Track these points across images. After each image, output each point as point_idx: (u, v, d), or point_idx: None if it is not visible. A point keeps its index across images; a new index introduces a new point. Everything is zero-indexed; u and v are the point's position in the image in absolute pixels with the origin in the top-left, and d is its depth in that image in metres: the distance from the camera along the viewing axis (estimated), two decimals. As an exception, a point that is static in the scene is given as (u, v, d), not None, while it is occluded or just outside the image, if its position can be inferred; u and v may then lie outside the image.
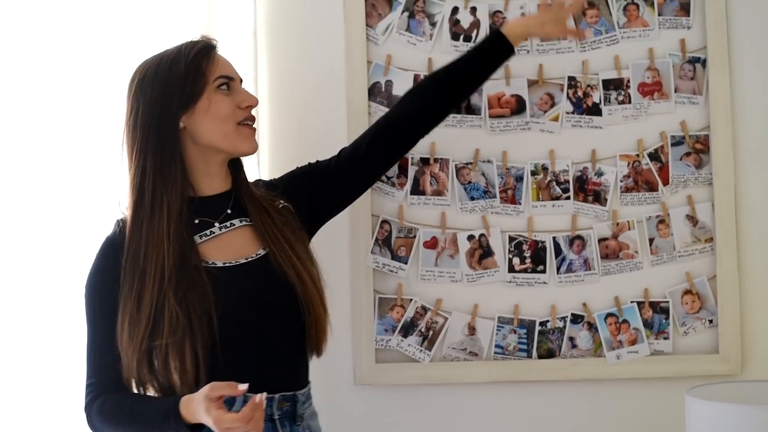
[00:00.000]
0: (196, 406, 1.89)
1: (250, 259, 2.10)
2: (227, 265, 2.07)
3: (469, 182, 2.59)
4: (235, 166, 2.18)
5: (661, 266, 2.59)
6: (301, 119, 2.61)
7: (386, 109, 2.57)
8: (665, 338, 2.58)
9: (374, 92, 2.60)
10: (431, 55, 2.60)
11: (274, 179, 2.30)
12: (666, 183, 2.59)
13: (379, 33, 2.60)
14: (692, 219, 2.58)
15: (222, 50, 2.14)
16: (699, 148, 2.59)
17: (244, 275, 2.06)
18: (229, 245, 2.10)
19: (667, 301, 2.58)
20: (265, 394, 1.87)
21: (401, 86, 2.59)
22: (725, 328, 2.56)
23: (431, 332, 2.58)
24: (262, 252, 2.11)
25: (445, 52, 2.59)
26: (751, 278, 2.58)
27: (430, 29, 2.61)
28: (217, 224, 2.12)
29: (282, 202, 2.20)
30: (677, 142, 2.59)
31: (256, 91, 2.55)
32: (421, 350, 2.58)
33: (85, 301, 2.07)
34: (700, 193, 2.59)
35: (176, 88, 2.05)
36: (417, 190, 2.59)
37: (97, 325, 2.04)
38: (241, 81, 2.17)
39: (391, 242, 2.58)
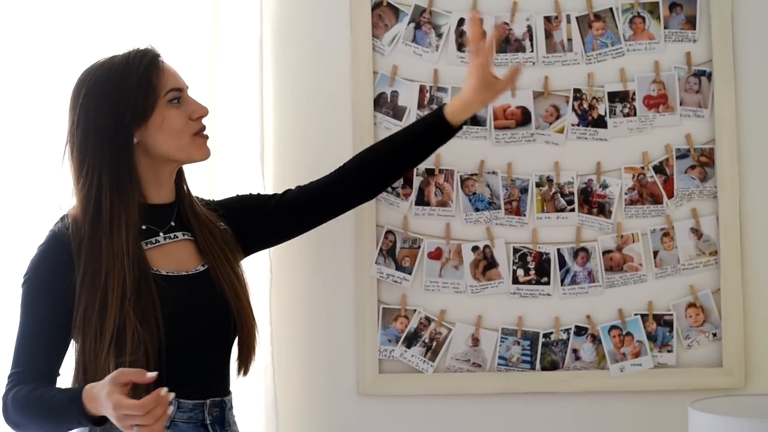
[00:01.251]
0: (98, 392, 1.85)
1: (191, 272, 2.11)
2: (170, 274, 2.07)
3: (474, 193, 2.60)
4: (178, 178, 2.18)
5: (666, 279, 2.58)
6: (307, 129, 2.61)
7: (392, 120, 2.58)
8: (669, 351, 2.58)
9: (380, 103, 2.60)
10: (437, 66, 2.60)
11: (212, 201, 2.31)
12: (671, 196, 2.59)
13: (386, 44, 2.61)
14: (697, 232, 2.58)
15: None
16: (704, 162, 2.59)
17: (186, 287, 2.07)
18: (172, 256, 2.11)
19: (671, 314, 2.58)
20: (172, 394, 1.81)
21: (407, 97, 2.59)
22: (729, 341, 2.55)
23: (435, 343, 2.58)
24: (201, 267, 2.12)
25: (451, 63, 2.60)
26: (755, 292, 2.57)
27: (436, 40, 2.61)
28: (162, 234, 2.12)
29: (222, 224, 2.22)
30: (682, 155, 2.59)
31: (261, 102, 2.55)
32: (424, 361, 2.58)
33: (23, 290, 2.04)
34: (704, 207, 2.59)
35: (128, 103, 2.04)
36: (422, 200, 2.60)
37: (34, 316, 2.02)
38: (187, 89, 2.16)
39: (396, 253, 2.58)
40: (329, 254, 2.49)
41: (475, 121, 2.59)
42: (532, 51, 2.60)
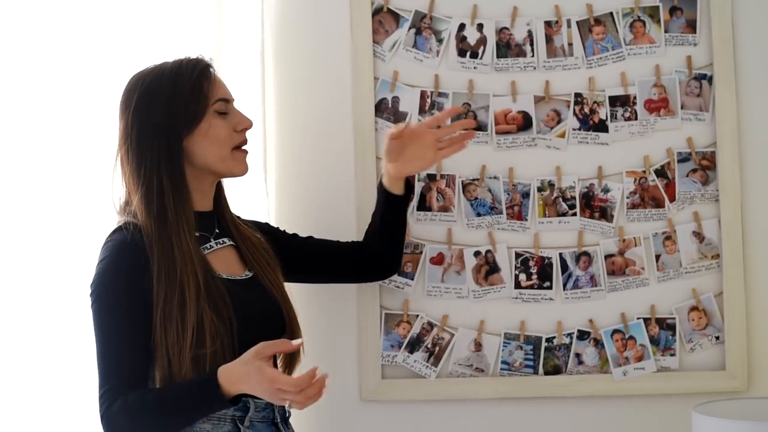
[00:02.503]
0: (241, 369, 1.90)
1: (241, 278, 2.15)
2: (228, 277, 2.11)
3: (476, 198, 2.60)
4: (218, 188, 2.22)
5: (668, 283, 2.58)
6: (308, 135, 2.62)
7: (393, 125, 2.57)
8: (672, 355, 2.57)
9: (381, 108, 2.60)
10: (438, 72, 2.61)
11: (239, 217, 2.32)
12: (672, 199, 2.59)
13: (386, 49, 2.61)
14: (699, 235, 2.58)
15: (219, 69, 2.16)
16: (705, 165, 2.59)
17: (242, 290, 2.11)
18: (224, 261, 2.14)
19: (674, 318, 2.58)
20: (326, 375, 1.91)
21: (408, 102, 2.60)
22: (732, 344, 2.55)
23: (437, 348, 2.58)
24: (248, 274, 2.17)
25: (451, 68, 2.60)
26: (758, 295, 2.57)
27: (436, 46, 2.61)
28: (212, 239, 2.15)
29: (259, 235, 2.27)
30: (684, 159, 2.59)
31: (263, 108, 2.56)
32: (427, 366, 2.58)
33: (98, 306, 2.01)
34: (706, 210, 2.59)
35: (180, 107, 2.07)
36: (423, 206, 2.60)
37: (118, 326, 2.00)
38: (233, 101, 2.19)
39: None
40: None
41: (477, 126, 2.59)
42: (532, 56, 2.60)
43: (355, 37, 2.60)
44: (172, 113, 2.07)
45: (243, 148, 2.17)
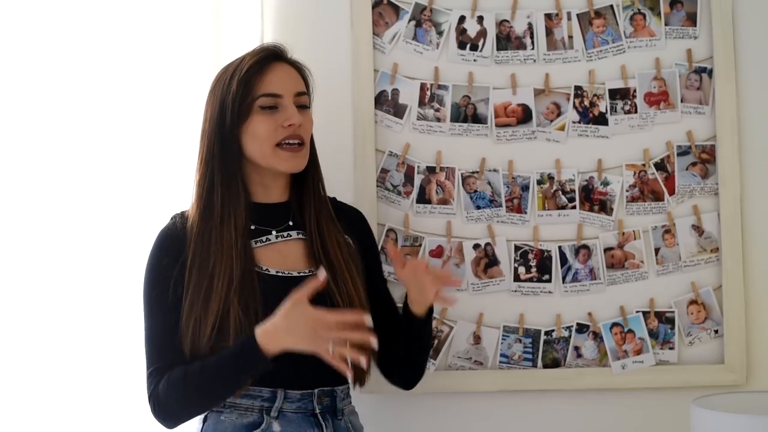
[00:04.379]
0: (280, 321, 1.94)
1: (302, 274, 2.12)
2: (279, 274, 2.11)
3: (475, 191, 2.60)
4: (299, 178, 2.21)
5: (667, 276, 2.58)
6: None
7: (392, 117, 2.58)
8: (671, 348, 2.58)
9: (381, 100, 2.60)
10: (438, 64, 2.60)
11: (352, 207, 2.36)
12: (672, 193, 2.59)
13: (386, 41, 2.61)
14: (698, 229, 2.58)
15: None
16: (705, 158, 2.59)
17: (290, 285, 2.04)
18: (284, 255, 2.15)
19: (673, 311, 2.58)
20: (369, 320, 1.96)
21: (408, 95, 2.59)
22: (731, 338, 2.55)
23: (436, 341, 2.58)
24: (311, 270, 2.14)
25: (451, 60, 2.60)
26: (757, 288, 2.57)
27: (436, 38, 2.61)
28: (274, 232, 2.16)
29: (348, 238, 2.24)
30: (683, 152, 2.59)
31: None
32: (426, 359, 2.58)
33: (145, 291, 2.10)
34: (706, 203, 2.59)
35: (228, 104, 2.10)
36: (423, 198, 2.59)
37: (158, 314, 2.06)
38: (300, 95, 2.18)
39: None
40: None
41: (477, 118, 2.59)
42: (532, 48, 2.60)
43: (355, 29, 2.59)
44: (224, 108, 2.10)
45: (290, 143, 2.14)
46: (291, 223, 2.19)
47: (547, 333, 2.59)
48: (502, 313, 2.59)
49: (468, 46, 2.60)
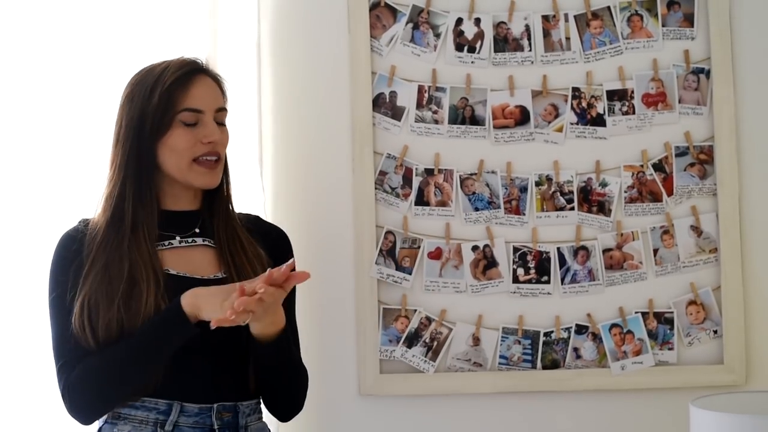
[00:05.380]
0: (202, 289, 1.94)
1: (204, 278, 2.08)
2: (179, 275, 2.06)
3: (474, 193, 2.60)
4: (211, 190, 2.16)
5: (666, 277, 2.58)
6: (305, 130, 2.61)
7: (390, 120, 2.59)
8: (670, 349, 2.58)
9: (378, 103, 2.60)
10: (435, 66, 2.60)
11: (275, 226, 2.29)
12: (670, 194, 2.59)
13: (384, 44, 2.61)
14: (696, 229, 2.58)
15: (214, 66, 2.13)
16: (703, 159, 2.59)
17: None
18: (187, 259, 2.10)
19: (672, 312, 2.58)
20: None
21: (405, 97, 2.60)
22: (730, 338, 2.55)
23: (435, 343, 2.58)
24: (220, 275, 2.09)
25: (449, 63, 2.60)
26: (756, 289, 2.57)
27: (434, 40, 2.61)
28: (178, 237, 2.12)
29: (261, 251, 2.17)
30: (681, 153, 2.59)
31: (259, 102, 2.56)
32: (425, 361, 2.58)
33: (50, 290, 2.06)
34: (704, 204, 2.59)
35: (149, 114, 2.05)
36: (421, 200, 2.60)
37: (63, 311, 2.01)
38: (220, 111, 2.12)
39: (396, 253, 2.58)
40: (329, 255, 2.48)
41: (475, 120, 2.59)
42: (530, 50, 2.60)
43: (352, 32, 2.60)
44: (144, 118, 2.05)
45: (207, 159, 2.10)
46: (198, 230, 2.13)
47: (546, 334, 2.59)
48: (501, 315, 2.59)
49: (465, 48, 2.61)
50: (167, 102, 2.05)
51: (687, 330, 2.58)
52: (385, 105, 2.60)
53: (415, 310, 2.59)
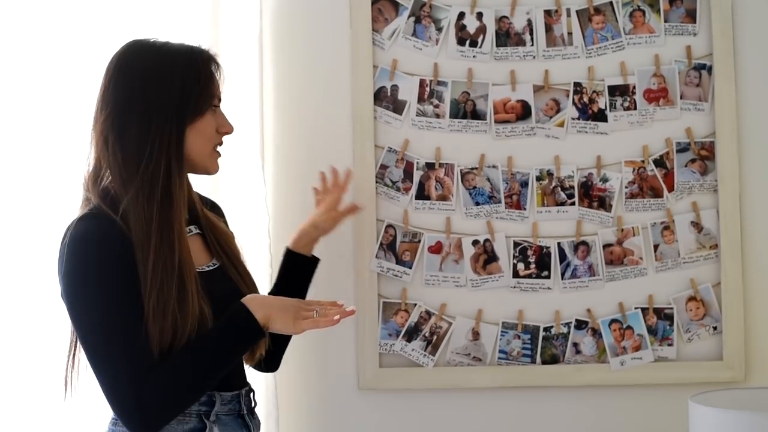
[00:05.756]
0: (273, 299, 2.00)
1: (208, 268, 2.07)
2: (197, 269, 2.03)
3: (474, 187, 2.60)
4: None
5: (666, 273, 2.59)
6: (307, 123, 2.61)
7: (392, 114, 2.59)
8: (669, 345, 2.58)
9: (380, 96, 2.60)
10: (437, 60, 2.60)
11: (211, 199, 2.28)
12: (671, 189, 2.59)
13: (385, 38, 2.61)
14: (697, 225, 2.58)
15: (221, 62, 2.11)
16: (704, 155, 2.59)
17: (209, 280, 2.02)
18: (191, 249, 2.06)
19: (672, 308, 2.58)
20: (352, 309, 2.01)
21: (407, 91, 2.59)
22: (729, 334, 2.56)
23: (435, 337, 2.58)
24: (214, 264, 2.09)
25: (450, 57, 2.60)
26: (756, 285, 2.58)
27: (436, 34, 2.61)
28: (194, 227, 2.11)
29: (224, 224, 2.22)
30: (682, 149, 2.59)
31: (261, 96, 2.55)
32: (425, 355, 2.58)
33: (96, 300, 1.89)
34: (705, 200, 2.59)
35: (192, 94, 1.99)
36: (422, 195, 2.60)
37: (128, 321, 1.88)
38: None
39: (396, 247, 2.58)
40: (329, 248, 2.48)
41: (476, 115, 2.59)
42: (532, 45, 2.60)
43: (354, 26, 2.59)
44: (185, 98, 1.98)
45: (219, 149, 2.09)
46: (187, 217, 2.09)
47: (545, 329, 2.59)
48: (501, 310, 2.59)
49: (467, 42, 2.60)
50: (210, 86, 2.02)
51: (686, 326, 2.58)
52: (386, 99, 2.60)
53: (415, 304, 2.59)
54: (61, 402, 2.01)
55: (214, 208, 2.26)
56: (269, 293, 2.34)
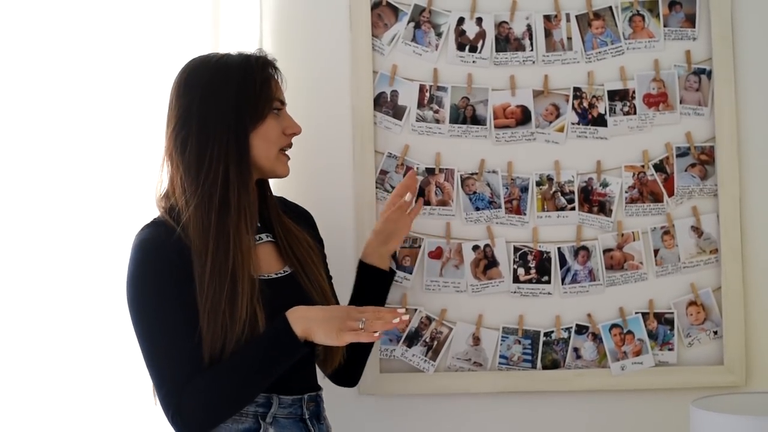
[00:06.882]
0: (316, 312, 1.97)
1: (278, 275, 2.12)
2: (261, 277, 2.08)
3: (474, 192, 2.60)
4: (262, 184, 2.20)
5: (666, 277, 2.58)
6: (307, 129, 2.59)
7: (392, 119, 2.59)
8: (670, 349, 2.58)
9: (380, 102, 2.60)
10: (437, 66, 2.60)
11: (301, 207, 2.35)
12: (671, 194, 2.59)
13: (385, 43, 2.61)
14: (697, 230, 2.58)
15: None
16: (704, 160, 2.59)
17: (275, 287, 2.07)
18: (260, 258, 2.11)
19: (672, 312, 2.58)
20: (406, 315, 1.99)
21: (407, 96, 2.59)
22: (730, 339, 2.55)
23: (436, 342, 2.58)
24: (286, 271, 2.14)
25: (450, 62, 2.60)
26: (756, 289, 2.57)
27: (435, 39, 2.61)
28: (266, 234, 2.16)
29: (307, 234, 2.24)
30: (682, 153, 2.59)
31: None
32: (425, 360, 2.58)
33: (142, 306, 1.99)
34: (705, 205, 2.59)
35: (249, 102, 2.06)
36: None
37: (167, 325, 1.97)
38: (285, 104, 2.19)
39: (396, 252, 2.58)
40: (330, 254, 2.47)
41: (476, 120, 2.59)
42: (531, 50, 2.60)
43: (354, 31, 2.59)
44: (242, 105, 2.05)
45: (287, 151, 2.17)
46: (259, 225, 2.16)
47: (546, 334, 2.59)
48: (502, 315, 2.59)
49: (467, 47, 2.60)
50: (267, 90, 2.09)
51: (687, 330, 2.58)
52: (386, 104, 2.60)
53: (416, 310, 2.59)
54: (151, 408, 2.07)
55: (301, 216, 2.30)
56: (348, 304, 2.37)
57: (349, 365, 2.29)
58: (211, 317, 1.96)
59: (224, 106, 2.05)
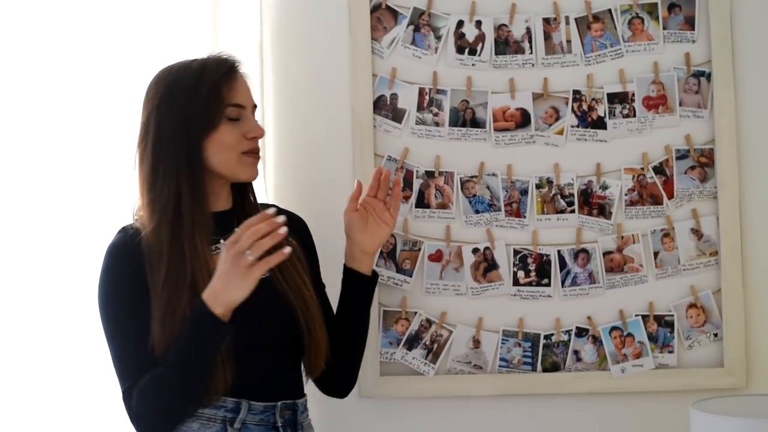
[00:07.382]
0: (216, 282, 1.93)
1: None
2: None
3: (474, 195, 2.60)
4: (240, 188, 2.20)
5: (666, 280, 2.58)
6: (307, 132, 2.62)
7: (391, 122, 2.59)
8: (670, 352, 2.57)
9: (379, 105, 2.60)
10: (436, 68, 2.60)
11: (294, 213, 2.31)
12: (671, 196, 2.59)
13: (385, 46, 2.61)
14: (697, 232, 2.58)
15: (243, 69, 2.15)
16: (704, 162, 2.59)
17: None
18: None
19: (672, 315, 2.58)
20: (281, 217, 1.92)
21: (406, 99, 2.60)
22: (730, 341, 2.55)
23: (436, 345, 2.58)
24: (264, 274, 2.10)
25: (450, 65, 2.60)
26: (756, 292, 2.57)
27: (435, 42, 2.61)
28: (222, 240, 2.11)
29: (292, 239, 2.18)
30: (682, 156, 2.59)
31: (261, 103, 2.55)
32: (425, 363, 2.58)
33: (102, 310, 2.04)
34: (704, 207, 2.59)
35: (197, 112, 2.05)
36: (422, 203, 2.60)
37: (126, 330, 2.01)
38: (255, 107, 2.17)
39: (396, 255, 2.58)
40: (330, 257, 2.48)
41: (475, 123, 2.59)
42: (531, 53, 2.60)
43: (353, 34, 2.60)
44: (191, 115, 2.04)
45: (252, 153, 2.14)
46: (236, 230, 2.09)
47: (546, 337, 2.59)
48: (502, 317, 2.59)
49: (466, 50, 2.61)
50: (216, 97, 2.06)
51: (687, 333, 2.58)
52: (385, 107, 2.60)
53: (416, 313, 2.59)
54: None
55: (293, 222, 2.24)
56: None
57: (337, 373, 2.28)
58: (167, 323, 1.97)
59: (174, 118, 2.05)
